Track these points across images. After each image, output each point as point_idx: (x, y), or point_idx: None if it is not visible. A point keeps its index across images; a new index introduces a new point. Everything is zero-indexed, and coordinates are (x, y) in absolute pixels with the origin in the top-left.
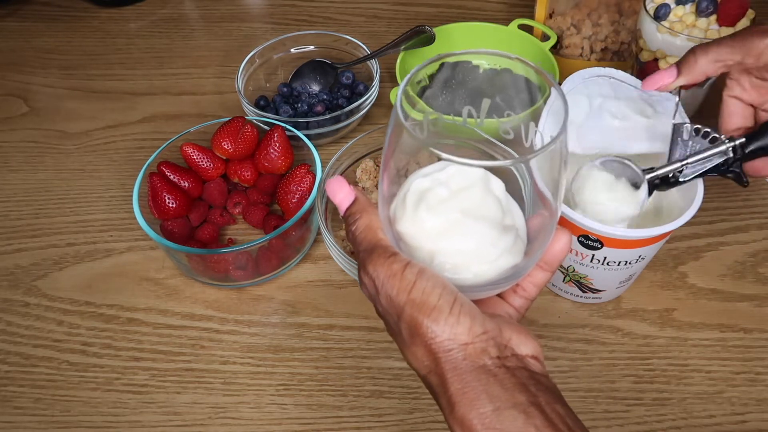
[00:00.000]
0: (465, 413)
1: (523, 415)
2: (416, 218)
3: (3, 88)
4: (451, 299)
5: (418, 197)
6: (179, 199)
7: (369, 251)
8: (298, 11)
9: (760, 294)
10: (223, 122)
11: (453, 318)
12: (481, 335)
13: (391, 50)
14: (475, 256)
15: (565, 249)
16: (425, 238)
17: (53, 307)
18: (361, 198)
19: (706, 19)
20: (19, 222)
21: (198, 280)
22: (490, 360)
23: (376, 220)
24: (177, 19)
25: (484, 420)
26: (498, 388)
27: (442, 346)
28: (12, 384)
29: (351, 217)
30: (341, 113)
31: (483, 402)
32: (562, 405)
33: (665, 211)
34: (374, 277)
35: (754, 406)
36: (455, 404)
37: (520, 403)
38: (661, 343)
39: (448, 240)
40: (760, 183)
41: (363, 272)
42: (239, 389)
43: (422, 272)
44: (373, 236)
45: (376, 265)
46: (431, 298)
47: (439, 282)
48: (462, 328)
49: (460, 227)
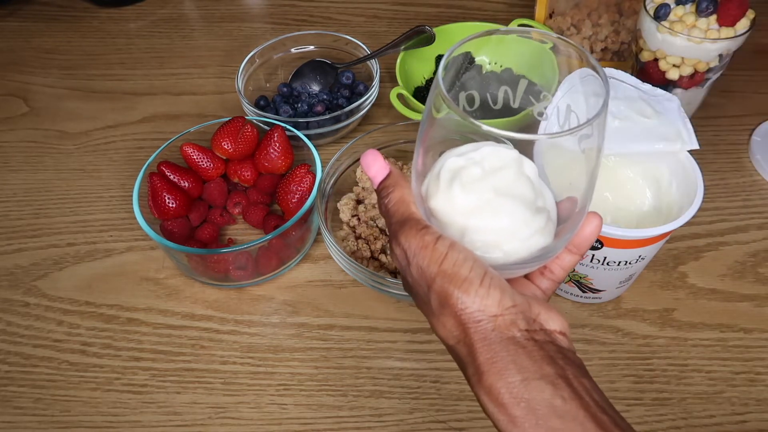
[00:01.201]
0: (493, 382)
1: (551, 387)
2: (449, 195)
3: (3, 88)
4: (481, 272)
5: (451, 175)
6: (179, 199)
7: (401, 223)
8: (298, 11)
9: (760, 294)
10: (223, 122)
11: (483, 290)
12: (510, 308)
13: (391, 50)
14: (506, 235)
15: (595, 232)
16: (457, 215)
17: (53, 307)
18: (395, 171)
19: (706, 19)
20: (19, 222)
21: (198, 280)
22: (519, 332)
23: (409, 193)
24: (177, 19)
25: (512, 389)
26: (526, 360)
27: (472, 317)
28: (12, 384)
29: (384, 190)
30: (341, 113)
31: (511, 372)
32: (589, 379)
33: (665, 211)
34: (406, 248)
35: (754, 406)
36: (483, 373)
37: (548, 374)
38: (661, 343)
39: (479, 218)
40: (760, 183)
41: (395, 243)
42: (239, 389)
43: (453, 245)
44: (405, 209)
45: (409, 237)
46: (462, 270)
47: (470, 255)
48: (492, 300)
49: (492, 206)
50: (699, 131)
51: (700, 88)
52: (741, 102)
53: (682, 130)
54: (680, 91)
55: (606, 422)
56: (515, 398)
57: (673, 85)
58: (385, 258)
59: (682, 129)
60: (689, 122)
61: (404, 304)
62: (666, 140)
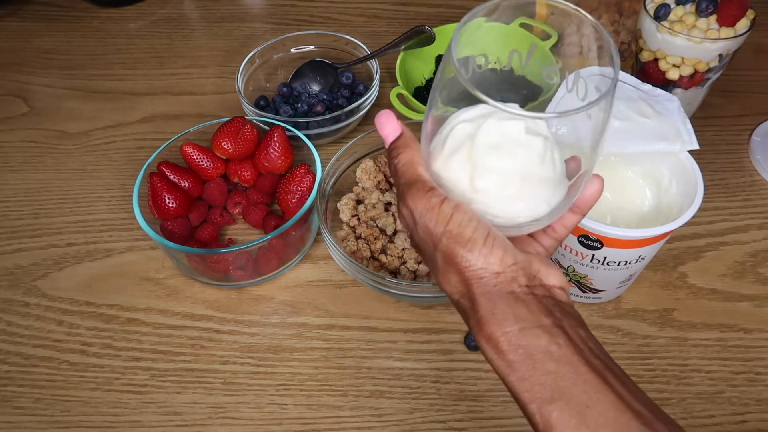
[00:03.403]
0: (493, 331)
1: (547, 335)
2: (455, 165)
3: (3, 88)
4: (485, 232)
5: (458, 142)
6: (179, 199)
7: (409, 185)
8: (298, 11)
9: (760, 294)
10: (223, 122)
11: (486, 249)
12: (511, 266)
13: (391, 50)
14: (511, 205)
15: (597, 194)
16: (463, 185)
17: (53, 307)
18: (407, 133)
19: (706, 19)
20: (19, 222)
21: (198, 280)
22: (519, 287)
23: (418, 156)
24: (177, 19)
25: (510, 338)
26: (524, 311)
27: (476, 273)
28: (12, 384)
29: (394, 150)
30: (341, 113)
31: (510, 322)
32: (585, 330)
33: (665, 211)
34: (413, 209)
35: (754, 406)
36: (484, 323)
37: (545, 324)
38: (661, 343)
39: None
40: (760, 183)
41: (402, 204)
42: (239, 389)
43: (458, 207)
44: (413, 171)
45: (415, 198)
46: (467, 230)
47: (474, 216)
48: (494, 258)
49: (498, 178)
50: (699, 131)
51: (700, 88)
52: (741, 102)
53: (682, 130)
54: (680, 91)
55: (598, 366)
56: (513, 345)
57: (673, 85)
58: (385, 258)
59: (682, 129)
60: (689, 122)
61: (404, 304)
62: (666, 140)
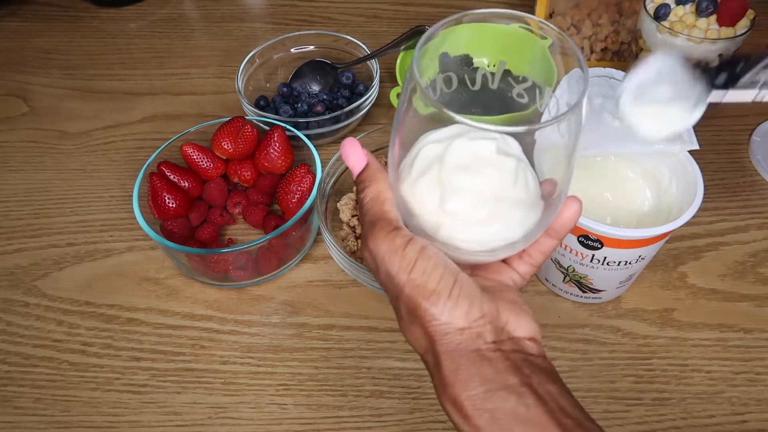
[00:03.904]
0: (457, 393)
1: (514, 396)
2: (423, 188)
3: (3, 88)
4: (450, 281)
5: (426, 164)
6: (179, 199)
7: (372, 224)
8: (298, 11)
9: (760, 294)
10: (223, 122)
11: (451, 302)
12: (478, 320)
13: (391, 50)
14: (482, 229)
15: (574, 217)
16: (431, 209)
17: (53, 307)
18: (372, 164)
19: (706, 19)
20: (19, 222)
21: (198, 280)
22: (485, 344)
23: (385, 189)
24: (177, 19)
25: (475, 401)
26: (490, 371)
27: (439, 329)
28: (12, 384)
29: (361, 184)
30: (341, 113)
31: (474, 384)
32: (557, 385)
33: (665, 211)
34: (375, 253)
35: (754, 406)
36: (447, 385)
37: (512, 384)
38: (661, 343)
39: (454, 213)
40: (760, 183)
41: (364, 246)
42: (239, 389)
43: (424, 251)
44: (378, 208)
45: (377, 239)
46: (431, 280)
47: (440, 262)
48: (459, 312)
49: (469, 200)
50: (699, 131)
51: None
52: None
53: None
54: None
55: (569, 425)
56: (478, 410)
57: None
58: None
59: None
60: None
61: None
62: (666, 140)
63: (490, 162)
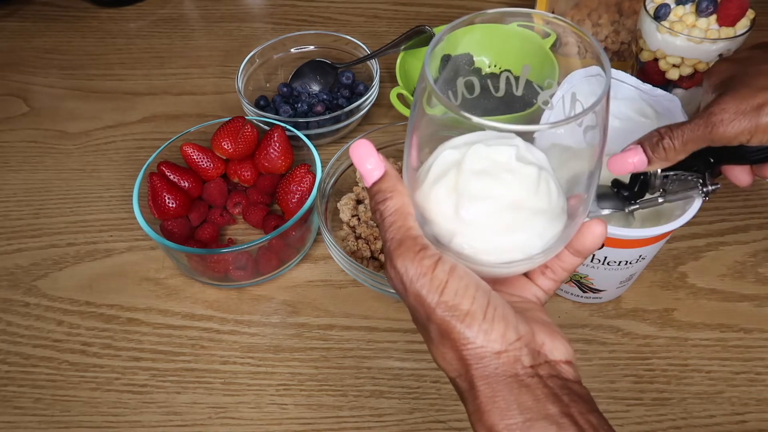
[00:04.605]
0: (494, 422)
1: (555, 426)
2: (439, 195)
3: (3, 88)
4: (484, 302)
5: (444, 170)
6: (179, 199)
7: (399, 242)
8: (298, 11)
9: (760, 294)
10: (223, 122)
11: (487, 324)
12: (514, 342)
13: (391, 50)
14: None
15: (598, 240)
16: (447, 217)
17: (53, 307)
18: (391, 172)
19: (706, 19)
20: (19, 222)
21: (198, 280)
22: (522, 369)
23: (408, 203)
24: (177, 19)
25: (512, 431)
26: (529, 399)
27: (475, 353)
28: (12, 384)
29: (379, 194)
30: (341, 113)
31: (513, 413)
32: (596, 415)
33: (665, 211)
34: (402, 273)
35: (754, 406)
36: (484, 412)
37: (552, 414)
38: (661, 343)
39: (472, 222)
40: (760, 183)
41: (390, 266)
42: (239, 389)
43: (453, 270)
44: (402, 223)
45: (406, 260)
46: (464, 301)
47: (472, 281)
48: (495, 335)
49: (487, 209)
50: None
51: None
52: None
53: None
54: (680, 91)
55: None
56: None
57: (673, 85)
58: None
59: None
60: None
61: (404, 304)
62: None
63: (509, 168)
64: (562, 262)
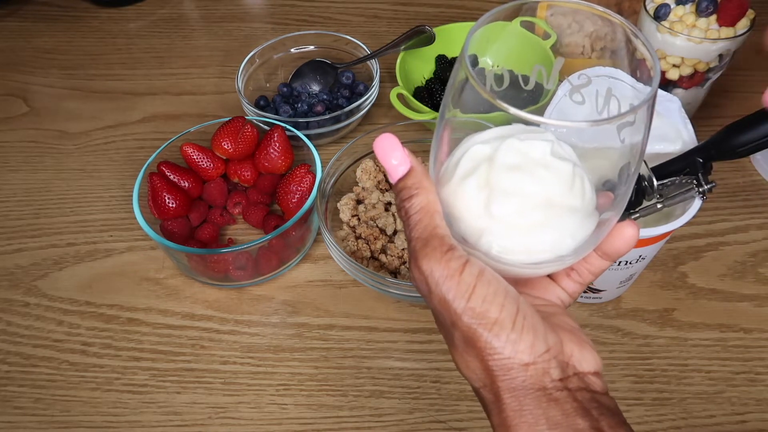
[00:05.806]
0: None
1: None
2: (467, 191)
3: (3, 88)
4: (513, 310)
5: (472, 166)
6: (179, 199)
7: (424, 242)
8: (298, 11)
9: (760, 294)
10: (223, 122)
11: (515, 334)
12: (543, 354)
13: (391, 50)
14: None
15: (629, 243)
16: (475, 214)
17: (53, 307)
18: (418, 168)
19: (706, 19)
20: (19, 222)
21: (198, 280)
22: (551, 383)
23: (435, 200)
24: (177, 19)
25: None
26: (558, 413)
27: (502, 364)
28: (12, 384)
29: (405, 191)
30: (341, 113)
31: (542, 427)
32: (625, 428)
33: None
34: (427, 275)
35: (754, 406)
36: (510, 426)
37: (581, 429)
38: (661, 343)
39: (500, 220)
40: (760, 183)
41: (415, 266)
42: (239, 389)
43: (482, 275)
44: (429, 221)
45: (431, 261)
46: (492, 308)
47: (500, 287)
48: (524, 345)
49: (516, 207)
50: (699, 131)
51: (700, 88)
52: (741, 102)
53: (682, 131)
54: (680, 91)
55: None
56: None
57: (673, 85)
58: (385, 258)
59: (682, 129)
60: (690, 123)
61: (404, 304)
62: (666, 140)
63: (544, 164)
64: (588, 264)
